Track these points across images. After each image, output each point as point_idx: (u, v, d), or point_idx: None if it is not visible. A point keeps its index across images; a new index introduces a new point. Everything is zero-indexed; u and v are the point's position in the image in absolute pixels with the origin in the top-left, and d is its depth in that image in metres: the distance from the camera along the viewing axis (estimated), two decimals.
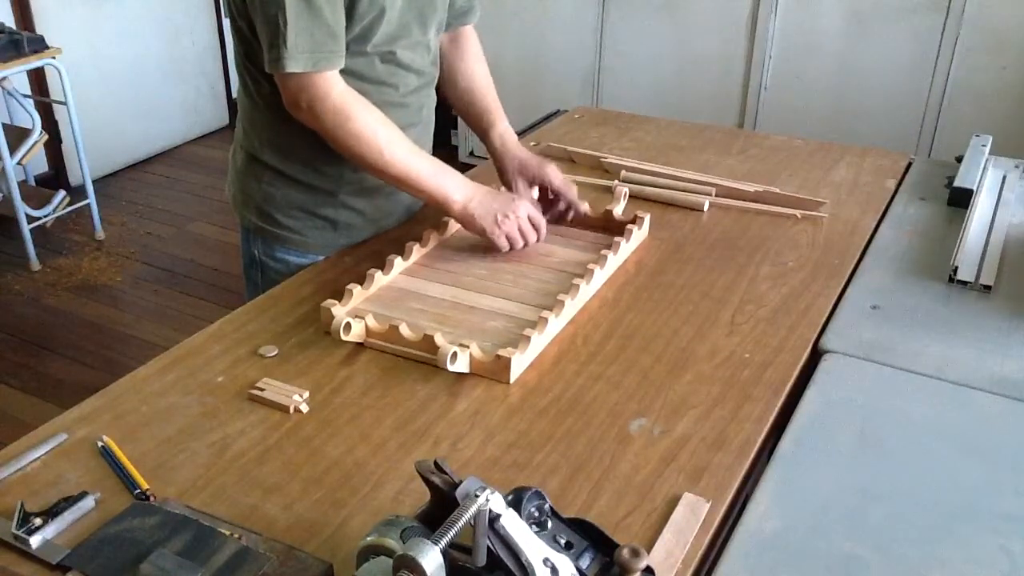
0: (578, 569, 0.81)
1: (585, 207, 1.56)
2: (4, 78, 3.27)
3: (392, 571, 0.73)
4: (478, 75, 1.62)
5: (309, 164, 1.44)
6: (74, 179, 4.05)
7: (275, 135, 1.44)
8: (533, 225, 1.45)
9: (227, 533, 0.90)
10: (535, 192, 1.57)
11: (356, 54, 1.35)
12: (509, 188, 1.56)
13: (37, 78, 3.87)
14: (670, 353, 1.24)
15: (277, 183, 1.47)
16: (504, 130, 1.60)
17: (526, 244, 1.45)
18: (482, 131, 1.62)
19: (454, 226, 1.52)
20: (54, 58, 3.35)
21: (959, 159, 1.82)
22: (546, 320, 1.23)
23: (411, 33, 1.42)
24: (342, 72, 1.32)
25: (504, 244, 1.43)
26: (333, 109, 1.30)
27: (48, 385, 2.84)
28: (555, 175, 1.54)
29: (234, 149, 1.55)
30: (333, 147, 1.35)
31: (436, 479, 0.81)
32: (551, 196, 1.56)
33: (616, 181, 1.76)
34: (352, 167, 1.43)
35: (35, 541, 0.89)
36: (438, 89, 1.58)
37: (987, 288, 1.41)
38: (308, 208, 1.48)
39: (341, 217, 1.50)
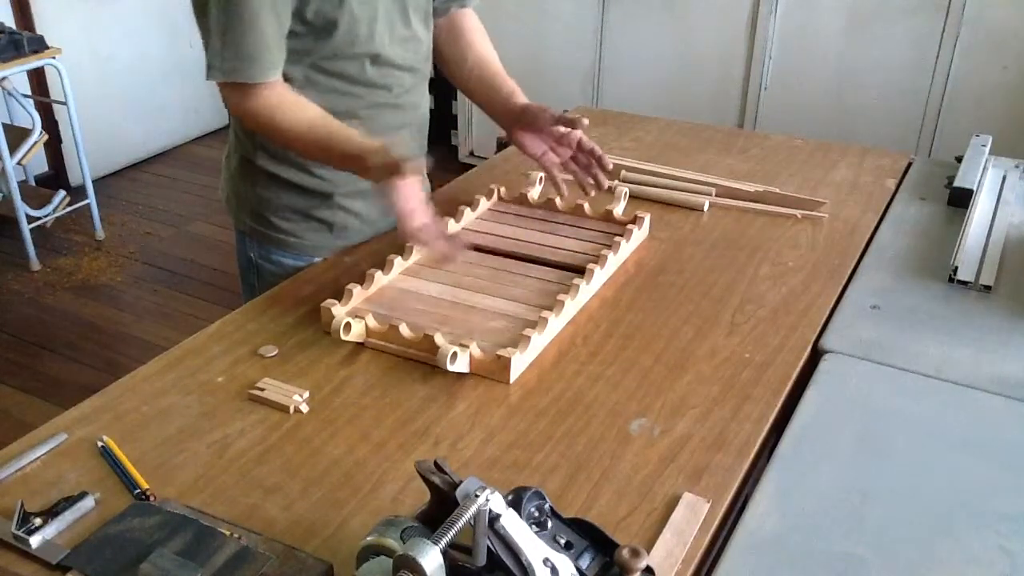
0: (578, 569, 0.81)
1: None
2: (4, 78, 3.27)
3: (392, 571, 0.73)
4: (485, 53, 1.59)
5: (304, 167, 1.44)
6: (74, 179, 4.05)
7: (269, 138, 1.43)
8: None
9: (227, 533, 0.90)
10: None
11: (345, 57, 1.35)
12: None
13: (37, 78, 3.87)
14: (670, 353, 1.24)
15: (272, 186, 1.47)
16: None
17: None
18: (501, 102, 1.56)
19: (454, 227, 1.52)
20: (54, 58, 3.35)
21: (959, 159, 1.82)
22: (546, 320, 1.23)
23: (395, 29, 1.40)
24: (336, 76, 1.32)
25: (421, 235, 1.25)
26: (256, 114, 1.31)
27: (48, 385, 2.84)
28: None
29: (228, 152, 1.54)
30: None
31: (436, 479, 0.81)
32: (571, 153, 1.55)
33: (616, 181, 1.76)
34: None
35: (35, 541, 0.89)
36: (446, 74, 1.57)
37: (987, 288, 1.41)
38: (304, 211, 1.48)
39: (337, 219, 1.49)
